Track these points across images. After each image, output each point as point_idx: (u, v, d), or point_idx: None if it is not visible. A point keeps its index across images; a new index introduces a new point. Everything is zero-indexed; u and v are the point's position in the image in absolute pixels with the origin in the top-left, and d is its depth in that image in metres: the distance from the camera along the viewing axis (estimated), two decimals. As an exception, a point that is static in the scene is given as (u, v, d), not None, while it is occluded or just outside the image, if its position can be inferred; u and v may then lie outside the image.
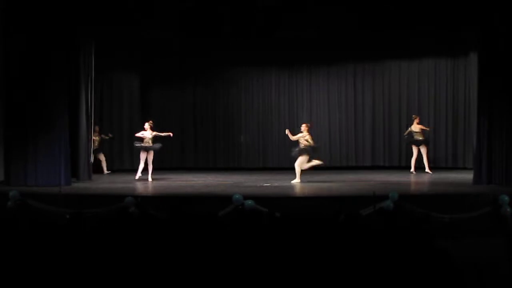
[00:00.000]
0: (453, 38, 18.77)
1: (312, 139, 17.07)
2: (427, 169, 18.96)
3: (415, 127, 19.37)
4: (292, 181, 16.70)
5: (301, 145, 16.87)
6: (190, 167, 21.81)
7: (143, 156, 17.88)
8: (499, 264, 7.13)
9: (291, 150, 17.27)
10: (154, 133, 17.95)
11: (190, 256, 6.35)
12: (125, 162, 21.77)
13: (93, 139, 19.04)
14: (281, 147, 22.17)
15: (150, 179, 17.64)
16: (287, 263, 6.19)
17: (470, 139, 18.45)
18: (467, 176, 17.03)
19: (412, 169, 19.29)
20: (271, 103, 22.64)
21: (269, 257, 6.31)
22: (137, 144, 17.98)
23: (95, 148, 19.31)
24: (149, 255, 6.32)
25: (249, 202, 12.52)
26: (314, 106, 22.40)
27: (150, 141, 17.83)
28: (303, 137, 16.87)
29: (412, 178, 18.23)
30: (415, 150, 19.34)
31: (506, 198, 12.51)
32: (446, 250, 6.04)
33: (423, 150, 19.11)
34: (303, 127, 17.09)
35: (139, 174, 17.95)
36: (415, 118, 19.53)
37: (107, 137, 20.19)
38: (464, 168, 20.04)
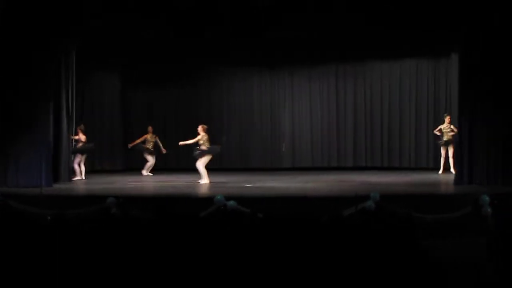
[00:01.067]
0: (435, 39, 18.82)
1: (209, 140, 17.35)
2: (452, 169, 18.18)
3: (446, 127, 18.76)
4: (200, 181, 17.01)
5: (202, 147, 17.21)
6: (172, 168, 21.76)
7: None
8: (480, 264, 7.18)
9: (194, 150, 17.45)
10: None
11: (172, 257, 6.34)
12: (105, 162, 21.71)
13: (146, 139, 19.58)
14: (263, 148, 22.25)
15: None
16: (270, 264, 6.19)
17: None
18: (449, 176, 17.12)
19: (441, 170, 18.97)
20: (253, 104, 22.67)
21: (252, 258, 6.31)
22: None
23: (148, 147, 19.75)
24: (131, 256, 6.31)
25: (231, 202, 12.50)
26: (296, 106, 22.44)
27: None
28: (201, 139, 17.19)
29: (394, 178, 18.26)
30: (443, 150, 18.99)
31: (487, 198, 12.57)
32: (428, 249, 6.07)
33: (451, 151, 18.47)
34: (200, 128, 17.46)
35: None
36: (447, 117, 18.85)
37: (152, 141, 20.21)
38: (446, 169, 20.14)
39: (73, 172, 18.09)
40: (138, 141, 19.90)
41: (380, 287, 5.94)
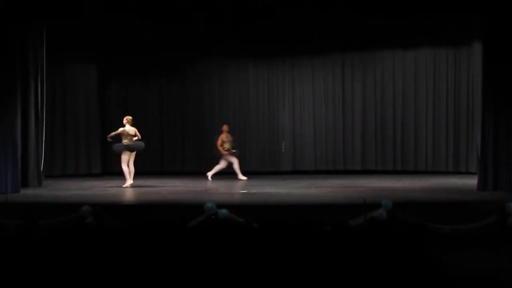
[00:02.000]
0: (455, 23, 18.79)
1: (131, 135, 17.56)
2: None
3: None
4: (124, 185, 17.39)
5: (124, 141, 17.54)
6: (155, 172, 21.74)
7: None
8: (506, 280, 7.19)
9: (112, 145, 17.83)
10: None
11: (155, 272, 6.34)
12: (80, 166, 21.69)
13: (223, 140, 19.50)
14: (260, 149, 22.24)
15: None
16: (266, 280, 6.20)
17: (474, 140, 18.51)
18: (471, 181, 17.12)
19: None
20: (248, 99, 22.65)
21: (245, 273, 6.31)
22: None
23: (227, 149, 19.58)
24: (107, 270, 6.31)
25: (223, 211, 12.48)
26: (297, 102, 22.42)
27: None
28: (123, 132, 17.53)
29: (408, 183, 18.26)
30: None
31: (515, 206, 12.56)
32: (444, 264, 6.08)
33: None
34: (125, 120, 17.74)
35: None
36: None
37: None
38: (467, 173, 20.13)
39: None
40: (219, 142, 19.69)
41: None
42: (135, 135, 17.60)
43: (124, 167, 17.46)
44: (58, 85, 21.20)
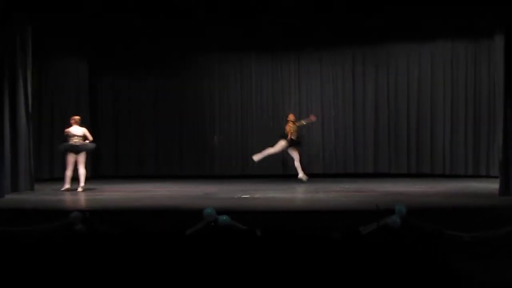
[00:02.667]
0: (475, 14, 18.75)
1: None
2: None
3: None
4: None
5: (70, 142, 17.86)
6: (150, 175, 21.77)
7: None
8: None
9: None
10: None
11: (149, 284, 6.34)
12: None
13: (289, 129, 19.61)
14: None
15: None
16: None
17: (495, 140, 18.50)
18: (492, 185, 17.11)
19: None
20: (251, 96, 22.66)
21: (248, 287, 6.31)
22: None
23: (294, 139, 19.75)
24: (97, 282, 6.31)
25: (224, 217, 12.48)
26: (304, 100, 22.42)
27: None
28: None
29: (424, 187, 18.25)
30: None
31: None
32: (463, 274, 6.07)
33: None
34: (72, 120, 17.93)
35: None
36: None
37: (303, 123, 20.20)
38: (488, 176, 20.13)
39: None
40: (291, 126, 19.89)
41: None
42: (83, 136, 17.70)
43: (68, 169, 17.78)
44: (45, 81, 21.16)
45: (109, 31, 20.97)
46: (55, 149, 20.51)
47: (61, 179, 19.48)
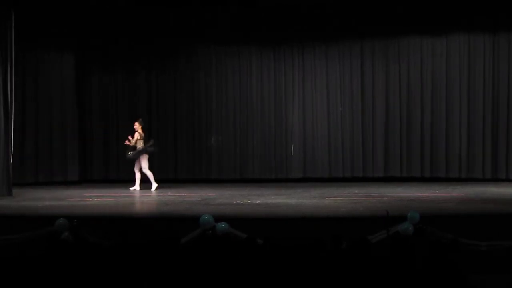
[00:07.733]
0: (493, 4, 18.74)
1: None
2: None
3: None
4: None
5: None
6: (143, 179, 21.77)
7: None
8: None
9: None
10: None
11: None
12: (55, 172, 21.63)
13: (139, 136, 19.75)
14: (265, 153, 22.18)
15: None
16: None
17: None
18: (511, 190, 17.13)
19: None
20: (251, 94, 22.60)
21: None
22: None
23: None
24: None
25: (222, 225, 12.52)
26: (308, 98, 22.37)
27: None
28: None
29: (439, 192, 18.26)
30: None
31: None
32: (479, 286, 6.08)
33: None
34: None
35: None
36: None
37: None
38: (507, 180, 20.14)
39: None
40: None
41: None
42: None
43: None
44: (29, 76, 21.12)
45: (97, 22, 20.98)
46: (40, 151, 20.52)
47: (48, 184, 19.52)
